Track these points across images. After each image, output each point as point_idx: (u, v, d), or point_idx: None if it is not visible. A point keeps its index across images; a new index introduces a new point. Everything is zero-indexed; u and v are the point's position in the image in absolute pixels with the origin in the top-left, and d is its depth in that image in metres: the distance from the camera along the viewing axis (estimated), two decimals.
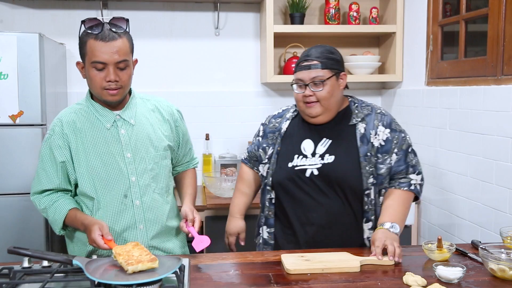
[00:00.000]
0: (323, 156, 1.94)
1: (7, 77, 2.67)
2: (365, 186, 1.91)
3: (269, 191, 2.03)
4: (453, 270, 1.54)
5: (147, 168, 1.88)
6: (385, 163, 1.93)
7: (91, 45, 1.72)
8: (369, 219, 1.94)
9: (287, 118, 2.07)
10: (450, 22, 2.78)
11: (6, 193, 2.72)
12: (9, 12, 3.26)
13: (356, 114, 1.98)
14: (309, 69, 1.91)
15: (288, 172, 1.96)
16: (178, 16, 3.42)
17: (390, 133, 1.96)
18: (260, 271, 1.65)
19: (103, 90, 1.77)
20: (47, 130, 2.51)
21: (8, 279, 1.47)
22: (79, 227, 1.79)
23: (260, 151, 2.09)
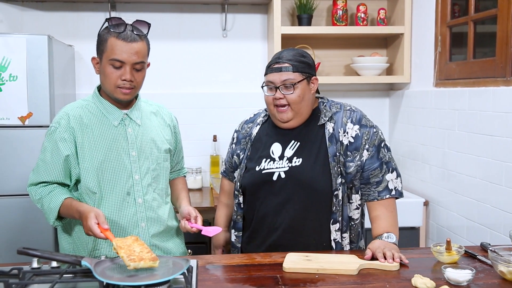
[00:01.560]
0: (291, 159, 1.91)
1: (16, 79, 2.69)
2: (334, 187, 1.86)
3: (237, 195, 2.02)
4: (462, 273, 1.53)
5: (150, 168, 1.91)
6: (355, 161, 1.88)
7: (112, 42, 1.76)
8: (336, 220, 1.89)
9: (258, 123, 2.06)
10: (458, 23, 2.76)
11: (16, 194, 2.74)
12: (19, 14, 3.28)
13: (324, 114, 1.95)
14: (280, 71, 1.87)
15: (255, 175, 1.94)
16: (186, 17, 3.43)
17: (359, 129, 1.90)
18: (267, 273, 1.65)
19: (116, 88, 1.80)
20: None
21: (17, 279, 1.47)
22: (74, 215, 1.76)
23: (235, 157, 2.08)
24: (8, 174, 2.73)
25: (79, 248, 1.89)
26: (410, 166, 3.27)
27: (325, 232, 1.90)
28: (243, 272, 1.66)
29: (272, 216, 1.91)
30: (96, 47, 1.83)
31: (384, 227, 1.86)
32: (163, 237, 1.95)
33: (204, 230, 1.84)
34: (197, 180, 3.37)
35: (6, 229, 2.73)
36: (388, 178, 1.91)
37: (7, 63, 2.68)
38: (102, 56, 1.80)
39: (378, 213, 1.90)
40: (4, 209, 2.73)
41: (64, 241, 1.95)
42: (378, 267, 1.67)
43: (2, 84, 2.68)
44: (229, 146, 2.16)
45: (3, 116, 2.70)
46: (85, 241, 1.86)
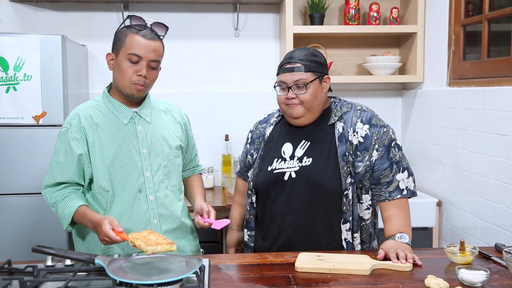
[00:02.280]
0: (301, 159, 1.91)
1: (31, 79, 2.72)
2: (343, 187, 1.86)
3: (250, 195, 2.03)
4: (476, 274, 1.52)
5: (161, 165, 1.92)
6: (363, 161, 1.87)
7: (131, 38, 1.80)
8: (347, 220, 1.88)
9: (271, 123, 2.07)
10: (472, 21, 2.74)
11: (30, 192, 2.76)
12: (33, 14, 3.31)
13: (335, 113, 1.95)
14: (292, 71, 1.87)
15: (267, 175, 1.95)
16: (198, 17, 3.44)
17: (369, 129, 1.89)
18: (280, 272, 1.65)
19: (131, 84, 1.83)
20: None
21: (32, 277, 1.49)
22: (87, 225, 1.78)
23: (249, 157, 2.09)
24: (23, 172, 2.75)
25: (94, 249, 1.90)
26: (423, 166, 3.25)
27: (336, 231, 1.89)
28: (255, 271, 1.66)
29: (283, 215, 1.91)
30: (113, 43, 1.86)
31: (396, 227, 1.86)
32: (176, 234, 1.96)
33: (214, 223, 1.84)
34: (209, 180, 3.38)
35: (21, 227, 2.76)
36: (398, 178, 1.89)
37: (22, 63, 2.70)
38: (119, 51, 1.82)
39: (390, 213, 1.89)
40: (19, 207, 2.76)
41: (78, 243, 1.96)
42: (391, 268, 1.66)
43: (17, 84, 2.71)
44: (244, 146, 2.17)
45: (17, 115, 2.72)
46: (99, 243, 1.86)
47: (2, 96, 2.70)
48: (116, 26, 3.35)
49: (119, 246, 1.86)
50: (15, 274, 1.53)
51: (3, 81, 2.70)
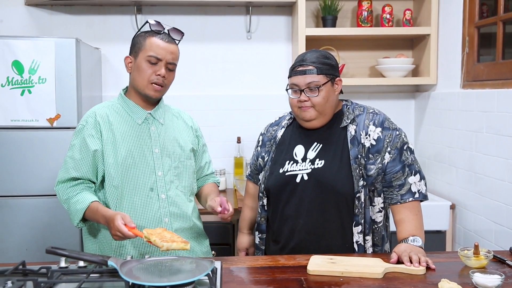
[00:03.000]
0: (313, 161, 1.91)
1: (45, 81, 2.74)
2: (356, 190, 1.85)
3: (261, 198, 2.03)
4: (491, 278, 1.50)
5: (172, 165, 1.96)
6: (376, 164, 1.87)
7: (151, 41, 1.88)
8: (358, 223, 1.87)
9: (283, 126, 2.07)
10: (487, 23, 2.72)
11: (44, 194, 2.79)
12: (48, 18, 3.35)
13: (347, 116, 1.95)
14: (304, 74, 1.87)
15: (279, 178, 1.94)
16: (211, 20, 3.45)
17: (381, 131, 1.89)
18: (292, 275, 1.64)
19: (149, 84, 1.89)
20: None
21: (46, 278, 1.50)
22: (100, 220, 1.79)
23: (260, 160, 2.09)
24: (37, 174, 2.78)
25: (105, 248, 1.91)
26: (436, 169, 3.22)
27: (348, 234, 1.89)
28: (267, 274, 1.66)
29: (295, 218, 1.91)
30: (131, 47, 1.94)
31: (409, 230, 1.84)
32: (187, 234, 1.97)
33: None
34: (221, 182, 3.38)
35: (35, 228, 2.79)
36: (410, 181, 1.89)
37: (37, 66, 2.73)
38: (138, 54, 1.89)
39: (403, 216, 1.88)
40: (33, 209, 2.79)
41: (88, 242, 1.98)
42: (404, 271, 1.65)
43: (32, 87, 2.74)
44: (255, 149, 2.17)
45: (32, 118, 2.75)
46: (110, 241, 1.88)
47: (17, 98, 2.74)
48: (129, 29, 3.39)
49: (132, 245, 1.88)
50: (29, 275, 1.54)
51: (18, 84, 2.73)
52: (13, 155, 2.77)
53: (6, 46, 2.71)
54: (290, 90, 1.93)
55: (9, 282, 1.39)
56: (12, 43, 2.72)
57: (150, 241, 1.60)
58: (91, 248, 1.96)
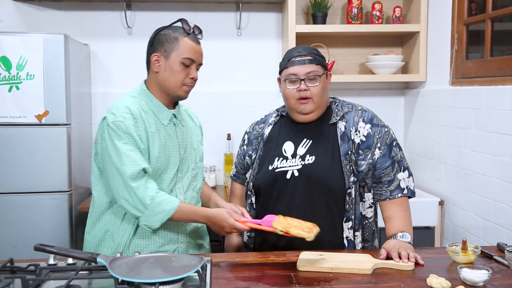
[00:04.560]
0: (303, 157, 1.91)
1: (33, 78, 2.72)
2: (347, 185, 1.86)
3: (249, 196, 2.02)
4: (479, 273, 1.51)
5: (190, 167, 1.94)
6: (366, 159, 1.89)
7: (186, 42, 1.83)
8: (349, 218, 1.89)
9: (270, 123, 2.06)
10: (475, 20, 2.73)
11: (32, 191, 2.77)
12: (35, 13, 3.31)
13: (336, 113, 1.96)
14: (304, 64, 1.87)
15: (268, 175, 1.94)
16: (200, 16, 3.44)
17: (371, 128, 1.91)
18: (281, 271, 1.65)
19: (182, 86, 1.85)
20: (69, 128, 2.56)
21: (34, 275, 1.49)
22: (198, 220, 1.79)
23: (247, 158, 2.07)
24: (25, 171, 2.76)
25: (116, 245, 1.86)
26: (425, 165, 3.24)
27: (338, 230, 1.90)
28: (257, 270, 1.66)
29: (286, 214, 1.91)
30: (155, 43, 1.85)
31: (398, 226, 1.86)
32: (197, 234, 1.98)
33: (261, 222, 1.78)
34: (211, 179, 3.38)
35: (23, 226, 2.77)
36: (400, 177, 1.90)
37: (25, 62, 2.71)
38: (169, 54, 1.82)
39: (391, 212, 1.89)
40: (21, 206, 2.77)
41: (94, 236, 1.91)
42: (393, 267, 1.66)
43: (20, 83, 2.71)
44: (239, 148, 2.15)
45: (20, 114, 2.73)
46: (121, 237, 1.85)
47: (5, 95, 2.71)
48: (118, 25, 3.37)
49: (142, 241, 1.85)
50: (17, 273, 1.53)
51: (6, 80, 2.71)
52: (1, 151, 2.75)
53: None
54: (287, 80, 1.90)
55: None
56: None
57: (288, 234, 1.67)
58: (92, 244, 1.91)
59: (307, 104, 1.89)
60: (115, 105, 1.83)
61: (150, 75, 1.89)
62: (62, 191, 2.80)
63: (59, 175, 2.79)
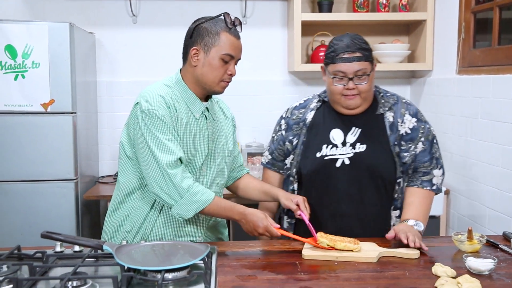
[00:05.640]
0: (354, 145, 1.92)
1: (39, 66, 2.72)
2: (397, 175, 1.91)
3: (292, 182, 2.01)
4: (484, 262, 1.51)
5: (216, 162, 1.92)
6: (409, 151, 1.92)
7: (227, 38, 1.79)
8: (397, 207, 1.94)
9: (312, 108, 2.03)
10: (483, 8, 2.71)
11: (39, 179, 2.79)
12: (41, 2, 3.31)
13: (383, 104, 1.96)
14: (352, 61, 1.83)
15: (316, 162, 1.93)
16: (206, 5, 3.42)
17: (416, 122, 1.95)
18: (287, 259, 1.65)
19: (220, 81, 1.83)
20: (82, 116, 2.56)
21: (41, 262, 1.50)
22: (233, 216, 1.77)
23: (287, 144, 2.03)
24: (31, 159, 2.77)
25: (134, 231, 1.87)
26: None
27: (387, 218, 1.95)
28: (262, 258, 1.67)
29: (336, 202, 1.92)
30: (195, 36, 1.81)
31: (415, 214, 1.88)
32: (216, 229, 1.98)
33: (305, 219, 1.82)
34: None
35: (30, 213, 2.78)
36: (435, 173, 1.96)
37: (30, 50, 2.71)
38: (209, 49, 1.79)
39: (414, 199, 1.92)
40: (28, 194, 2.79)
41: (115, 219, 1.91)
42: (398, 255, 1.66)
43: (25, 71, 2.72)
44: (275, 134, 2.10)
45: (26, 103, 2.74)
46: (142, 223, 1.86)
47: (11, 83, 2.71)
48: (123, 14, 3.36)
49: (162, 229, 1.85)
50: (24, 260, 1.54)
51: (12, 68, 2.71)
52: (7, 140, 2.75)
53: None
54: (335, 77, 1.87)
55: (4, 266, 1.39)
56: (5, 27, 2.69)
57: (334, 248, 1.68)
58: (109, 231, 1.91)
59: (354, 100, 1.88)
60: (149, 93, 1.80)
61: (187, 66, 1.86)
62: (68, 179, 2.81)
63: (65, 163, 2.80)
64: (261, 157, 3.27)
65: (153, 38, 3.41)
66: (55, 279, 1.37)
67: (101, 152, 3.42)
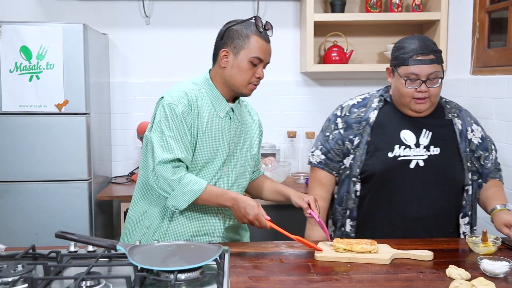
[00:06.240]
0: (428, 147, 1.92)
1: (53, 67, 2.75)
2: (466, 181, 1.92)
3: (355, 183, 1.96)
4: (499, 264, 1.50)
5: (238, 164, 1.92)
6: (489, 159, 2.00)
7: (257, 41, 1.81)
8: (466, 214, 1.95)
9: (374, 107, 1.99)
10: (498, 8, 2.68)
11: (53, 179, 2.81)
12: (55, 3, 3.34)
13: (449, 109, 1.99)
14: (426, 63, 1.82)
15: (389, 162, 1.91)
16: (218, 5, 3.43)
17: (482, 131, 2.03)
18: (300, 261, 1.65)
19: (248, 84, 1.84)
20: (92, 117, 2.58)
21: (56, 262, 1.52)
22: (225, 202, 1.75)
23: (347, 143, 1.99)
24: (45, 160, 2.80)
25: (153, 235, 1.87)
26: None
27: (452, 222, 1.97)
28: (275, 259, 1.67)
29: (409, 204, 1.92)
30: (226, 38, 1.84)
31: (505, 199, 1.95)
32: (234, 231, 1.97)
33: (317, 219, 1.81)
34: None
35: (44, 213, 2.81)
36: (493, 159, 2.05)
37: (45, 51, 2.74)
38: (239, 51, 1.81)
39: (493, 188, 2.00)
40: (42, 194, 2.81)
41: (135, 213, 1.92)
42: (411, 257, 1.65)
43: (40, 72, 2.74)
44: (330, 133, 2.04)
45: (40, 104, 2.76)
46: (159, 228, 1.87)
47: (26, 84, 2.74)
48: (137, 14, 3.38)
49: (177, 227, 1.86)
50: (39, 259, 1.56)
51: (27, 69, 2.74)
52: (22, 140, 2.78)
53: (14, 32, 2.71)
54: (407, 80, 1.85)
55: (20, 265, 1.40)
56: (20, 28, 2.72)
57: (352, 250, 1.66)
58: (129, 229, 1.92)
59: (424, 104, 1.88)
60: (175, 88, 1.84)
61: (216, 67, 1.88)
62: (82, 179, 2.84)
63: (79, 164, 2.83)
64: (273, 158, 3.27)
65: (165, 39, 3.42)
66: (69, 278, 1.39)
67: (114, 152, 3.44)
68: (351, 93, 2.42)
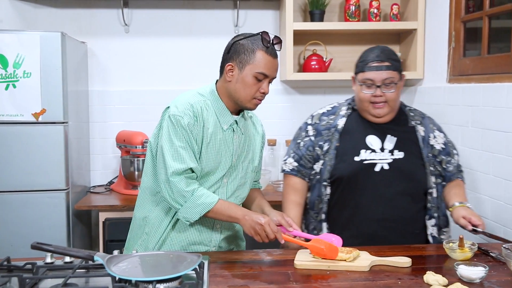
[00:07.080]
0: (392, 151, 1.99)
1: (30, 76, 2.72)
2: (429, 185, 1.99)
3: (325, 187, 2.02)
4: (475, 270, 1.52)
5: (238, 175, 1.92)
6: (451, 163, 2.09)
7: (263, 56, 1.79)
8: (432, 216, 2.02)
9: (342, 115, 2.09)
10: (473, 18, 2.73)
11: (29, 189, 2.77)
12: (32, 11, 3.30)
13: (413, 117, 2.09)
14: (381, 70, 1.93)
15: (355, 166, 1.98)
16: (198, 14, 3.44)
17: (444, 137, 2.12)
18: (279, 269, 1.65)
19: (253, 99, 1.83)
20: (68, 126, 2.55)
21: (31, 274, 1.49)
22: (237, 212, 1.76)
23: (317, 149, 2.07)
24: (22, 170, 2.75)
25: (151, 241, 1.88)
26: None
27: (419, 221, 2.02)
28: (254, 268, 1.66)
29: (374, 206, 1.97)
30: (232, 53, 1.84)
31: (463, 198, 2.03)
32: (230, 240, 1.97)
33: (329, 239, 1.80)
34: None
35: (20, 224, 2.76)
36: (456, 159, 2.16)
37: (21, 60, 2.70)
38: (244, 66, 1.80)
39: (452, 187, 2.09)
40: (19, 204, 2.77)
41: (136, 232, 1.93)
42: (390, 264, 1.67)
43: (17, 81, 2.71)
44: (301, 140, 2.11)
45: (17, 113, 2.72)
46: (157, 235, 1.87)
47: (2, 93, 2.70)
48: (116, 23, 3.36)
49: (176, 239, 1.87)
50: (14, 271, 1.53)
51: (3, 78, 2.70)
52: None
53: None
54: (363, 85, 1.97)
55: None
56: None
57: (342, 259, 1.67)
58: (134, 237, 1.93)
59: (382, 109, 1.98)
60: (181, 99, 1.84)
61: (222, 80, 1.88)
62: (59, 189, 2.80)
63: (56, 173, 2.79)
64: None
65: (145, 47, 3.41)
66: None
67: (93, 161, 3.40)
68: (330, 101, 2.44)
